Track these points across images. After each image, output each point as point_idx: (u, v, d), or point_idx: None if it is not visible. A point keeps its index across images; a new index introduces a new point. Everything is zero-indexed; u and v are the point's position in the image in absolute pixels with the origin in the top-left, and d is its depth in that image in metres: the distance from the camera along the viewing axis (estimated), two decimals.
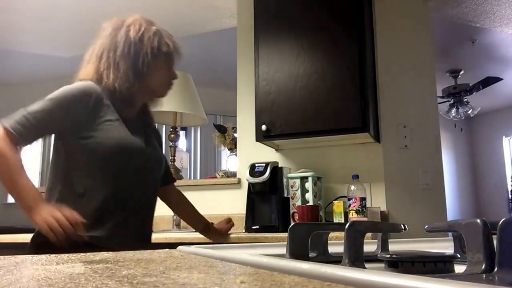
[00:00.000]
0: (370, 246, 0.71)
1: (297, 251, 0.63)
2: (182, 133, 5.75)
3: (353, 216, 2.11)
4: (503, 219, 0.44)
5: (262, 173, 2.19)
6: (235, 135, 2.98)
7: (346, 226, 0.53)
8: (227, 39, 3.49)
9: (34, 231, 1.36)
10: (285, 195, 2.27)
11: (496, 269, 0.44)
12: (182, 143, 5.66)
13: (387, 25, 2.59)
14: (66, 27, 3.53)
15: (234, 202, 2.59)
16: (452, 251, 0.63)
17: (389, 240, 0.71)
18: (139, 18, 1.49)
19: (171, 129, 2.90)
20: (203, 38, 3.88)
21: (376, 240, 0.70)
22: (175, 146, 2.92)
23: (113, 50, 1.42)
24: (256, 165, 2.25)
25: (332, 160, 2.49)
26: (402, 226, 0.62)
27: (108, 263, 0.56)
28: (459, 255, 0.54)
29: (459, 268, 0.51)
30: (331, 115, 2.17)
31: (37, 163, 5.48)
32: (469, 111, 5.65)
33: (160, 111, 2.52)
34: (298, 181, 2.24)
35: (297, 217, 2.17)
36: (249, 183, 2.25)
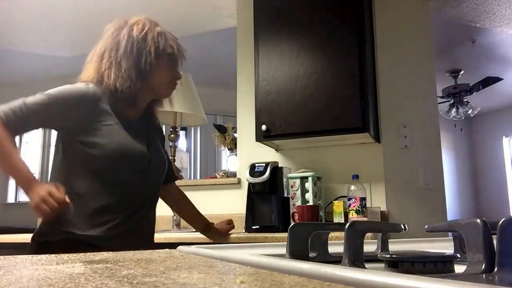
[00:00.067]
0: (370, 246, 0.71)
1: (297, 251, 0.63)
2: (182, 133, 5.75)
3: (353, 216, 2.11)
4: (503, 219, 0.44)
5: (262, 173, 2.19)
6: (235, 135, 2.98)
7: (346, 226, 0.53)
8: (227, 39, 3.49)
9: (34, 231, 1.36)
10: (285, 195, 2.27)
11: (496, 269, 0.44)
12: (182, 143, 5.67)
13: (387, 25, 2.59)
14: (66, 27, 3.53)
15: (234, 202, 2.59)
16: (452, 251, 0.63)
17: (389, 240, 0.71)
18: (143, 19, 1.48)
19: (171, 129, 2.89)
20: (203, 38, 3.88)
21: (376, 240, 0.70)
22: (175, 146, 2.92)
23: (115, 49, 1.41)
24: (256, 165, 2.25)
25: (332, 160, 2.49)
26: (402, 226, 0.62)
27: (108, 263, 0.56)
28: (459, 255, 0.54)
29: (459, 268, 0.51)
30: (331, 115, 2.17)
31: (37, 163, 5.49)
32: (469, 111, 5.65)
33: (160, 111, 2.51)
34: (298, 181, 2.24)
35: (297, 217, 2.17)
36: (249, 183, 2.25)
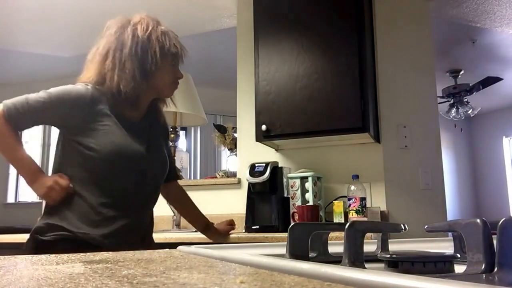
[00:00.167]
0: (370, 246, 0.71)
1: (297, 251, 0.63)
2: (182, 133, 5.75)
3: (353, 216, 2.11)
4: (503, 219, 0.44)
5: (262, 173, 2.19)
6: (235, 135, 2.98)
7: (346, 226, 0.53)
8: (227, 39, 3.49)
9: (31, 230, 1.37)
10: (285, 195, 2.27)
11: (496, 269, 0.44)
12: (182, 143, 5.66)
13: (387, 25, 2.59)
14: (66, 27, 3.53)
15: (234, 202, 2.59)
16: (452, 251, 0.63)
17: (389, 240, 0.71)
18: (146, 17, 1.46)
19: (171, 129, 2.89)
20: (203, 38, 3.88)
21: (376, 240, 0.70)
22: (175, 146, 2.92)
23: (120, 49, 1.39)
24: (256, 165, 2.25)
25: (332, 160, 2.49)
26: (402, 226, 0.62)
27: (108, 263, 0.56)
28: (459, 255, 0.54)
29: (459, 268, 0.51)
30: (331, 115, 2.17)
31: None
32: (469, 111, 5.65)
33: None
34: (298, 181, 2.24)
35: (297, 217, 2.17)
36: (249, 183, 2.25)
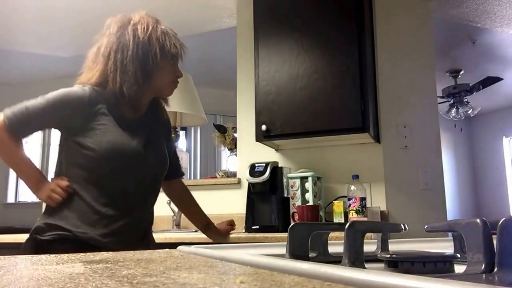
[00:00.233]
0: (370, 246, 0.71)
1: (297, 251, 0.63)
2: (182, 133, 5.74)
3: (353, 216, 2.11)
4: (503, 219, 0.44)
5: (262, 173, 2.19)
6: (235, 135, 2.97)
7: (346, 226, 0.53)
8: (227, 39, 3.49)
9: (31, 230, 1.38)
10: (285, 195, 2.27)
11: (496, 269, 0.44)
12: (182, 143, 5.66)
13: (387, 25, 2.59)
14: (66, 27, 3.53)
15: (234, 202, 2.59)
16: (452, 251, 0.63)
17: (389, 240, 0.71)
18: (145, 16, 1.46)
19: (171, 129, 2.89)
20: (203, 38, 3.87)
21: (376, 240, 0.70)
22: (175, 146, 2.91)
23: (121, 51, 1.39)
24: (256, 165, 2.25)
25: (332, 160, 2.49)
26: (402, 226, 0.62)
27: (108, 263, 0.56)
28: (459, 255, 0.54)
29: (459, 268, 0.51)
30: (331, 115, 2.17)
31: (37, 163, 5.48)
32: (469, 111, 5.65)
33: None
34: (298, 181, 2.24)
35: (297, 217, 2.17)
36: (249, 183, 2.25)
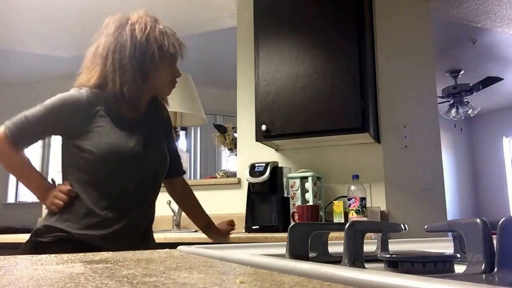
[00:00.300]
0: (370, 246, 0.71)
1: (297, 251, 0.63)
2: (182, 133, 5.74)
3: (353, 216, 2.11)
4: (503, 219, 0.44)
5: (262, 173, 2.19)
6: (235, 135, 2.97)
7: (346, 226, 0.53)
8: (227, 39, 3.49)
9: (32, 231, 1.38)
10: (285, 195, 2.27)
11: (496, 269, 0.44)
12: (182, 143, 5.66)
13: (388, 25, 2.59)
14: (66, 27, 3.53)
15: (234, 202, 2.59)
16: (452, 251, 0.63)
17: (389, 240, 0.70)
18: (144, 16, 1.45)
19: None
20: (203, 38, 3.87)
21: (376, 240, 0.70)
22: (176, 145, 2.91)
23: (119, 51, 1.39)
24: (256, 165, 2.25)
25: (332, 160, 2.49)
26: (402, 226, 0.62)
27: (108, 263, 0.56)
28: (459, 255, 0.54)
29: (459, 268, 0.51)
30: (331, 115, 2.17)
31: (38, 163, 5.49)
32: (469, 111, 5.65)
33: None
34: (298, 181, 2.24)
35: (297, 217, 2.17)
36: (249, 183, 2.25)
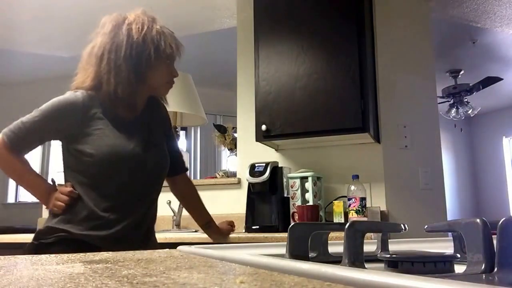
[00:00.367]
0: (370, 246, 0.71)
1: (297, 251, 0.63)
2: (182, 133, 5.74)
3: (353, 216, 2.11)
4: (503, 219, 0.44)
5: (262, 173, 2.19)
6: (235, 135, 2.97)
7: (346, 226, 0.53)
8: (227, 39, 3.49)
9: (34, 232, 1.39)
10: (285, 195, 2.27)
11: (496, 269, 0.44)
12: (182, 143, 5.66)
13: (387, 25, 2.59)
14: (67, 27, 3.53)
15: (234, 202, 2.59)
16: (452, 251, 0.63)
17: (389, 240, 0.70)
18: (141, 15, 1.44)
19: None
20: (203, 38, 3.87)
21: (376, 240, 0.70)
22: (176, 145, 2.91)
23: (114, 51, 1.37)
24: (256, 165, 2.25)
25: (332, 160, 2.48)
26: (402, 226, 0.62)
27: (108, 263, 0.56)
28: (459, 255, 0.54)
29: (459, 268, 0.51)
30: (331, 115, 2.17)
31: (38, 163, 5.49)
32: (469, 111, 5.65)
33: None
34: (298, 181, 2.24)
35: (297, 217, 2.17)
36: (249, 183, 2.25)
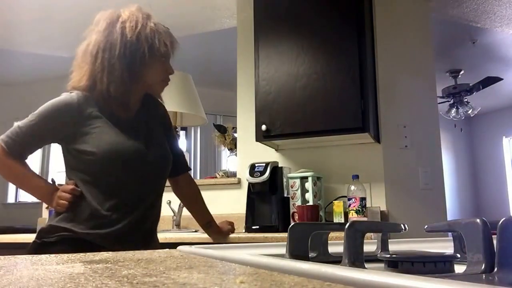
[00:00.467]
0: (370, 246, 0.71)
1: (297, 251, 0.63)
2: (182, 133, 5.74)
3: (353, 216, 2.11)
4: (503, 219, 0.44)
5: (262, 173, 2.19)
6: (235, 135, 2.97)
7: (346, 226, 0.53)
8: (227, 39, 3.49)
9: (35, 232, 1.39)
10: (285, 195, 2.27)
11: (496, 269, 0.44)
12: (182, 143, 5.66)
13: (387, 25, 2.59)
14: (66, 28, 3.53)
15: (234, 202, 2.59)
16: (452, 251, 0.63)
17: (389, 240, 0.70)
18: (136, 12, 1.42)
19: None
20: (203, 38, 3.87)
21: (376, 240, 0.70)
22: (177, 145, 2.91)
23: (108, 50, 1.36)
24: (256, 165, 2.25)
25: (332, 160, 2.48)
26: (402, 226, 0.62)
27: (108, 263, 0.56)
28: (459, 255, 0.54)
29: (459, 268, 0.51)
30: (331, 115, 2.17)
31: (38, 163, 5.49)
32: (469, 111, 5.65)
33: None
34: (298, 181, 2.24)
35: (297, 217, 2.17)
36: (249, 183, 2.25)
